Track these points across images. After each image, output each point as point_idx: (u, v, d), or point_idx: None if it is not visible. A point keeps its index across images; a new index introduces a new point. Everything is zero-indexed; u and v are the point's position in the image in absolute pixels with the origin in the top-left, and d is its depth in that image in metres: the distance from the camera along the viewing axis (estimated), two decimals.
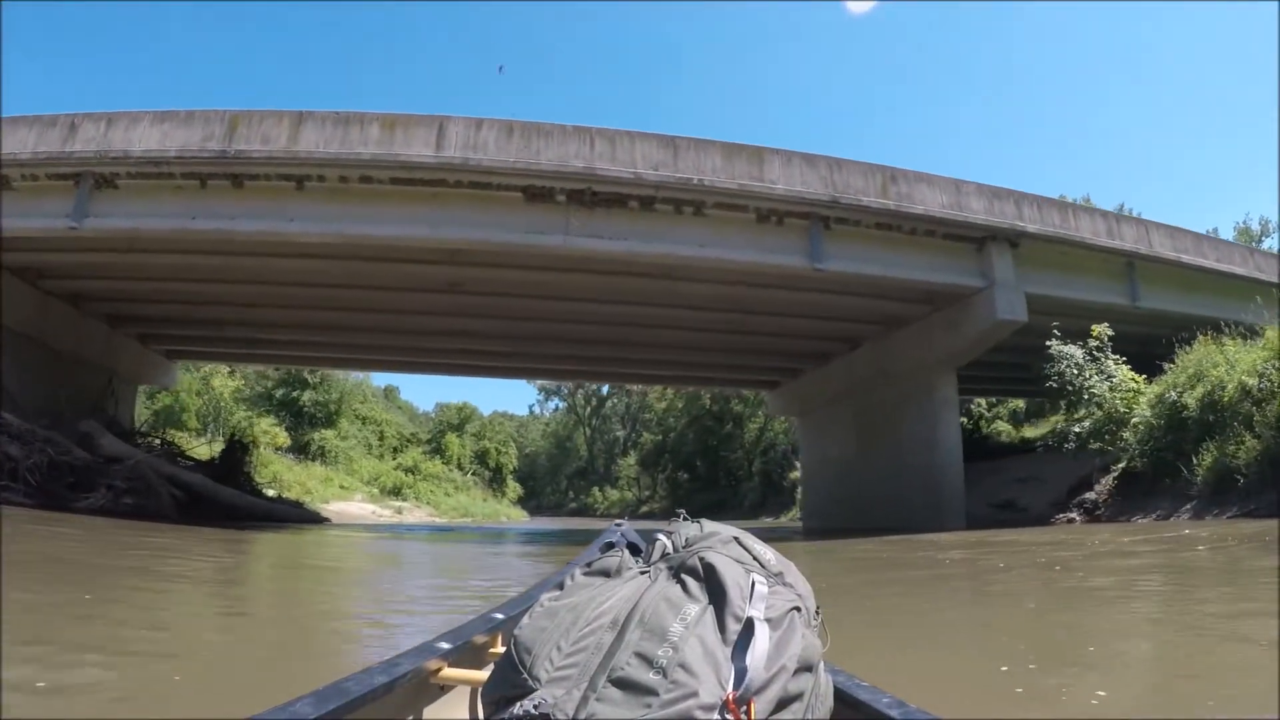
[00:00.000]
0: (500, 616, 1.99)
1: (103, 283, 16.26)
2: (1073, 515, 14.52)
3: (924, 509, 16.23)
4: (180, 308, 17.60)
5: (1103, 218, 17.16)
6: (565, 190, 12.42)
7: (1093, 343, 14.93)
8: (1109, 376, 14.73)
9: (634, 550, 1.79)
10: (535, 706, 0.95)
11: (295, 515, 19.50)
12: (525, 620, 1.11)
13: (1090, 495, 14.70)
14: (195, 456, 19.62)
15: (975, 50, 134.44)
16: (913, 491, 16.85)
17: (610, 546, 2.80)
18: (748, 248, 13.31)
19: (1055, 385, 15.16)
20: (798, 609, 1.10)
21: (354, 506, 28.68)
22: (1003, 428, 27.98)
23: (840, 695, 1.23)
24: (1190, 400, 12.51)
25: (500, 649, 1.89)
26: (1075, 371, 14.99)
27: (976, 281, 15.16)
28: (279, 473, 28.00)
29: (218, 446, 29.09)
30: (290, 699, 1.16)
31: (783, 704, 1.00)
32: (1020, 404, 30.99)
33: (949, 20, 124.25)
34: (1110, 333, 14.91)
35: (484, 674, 1.37)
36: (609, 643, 1.01)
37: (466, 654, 1.74)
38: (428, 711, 1.59)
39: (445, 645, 1.65)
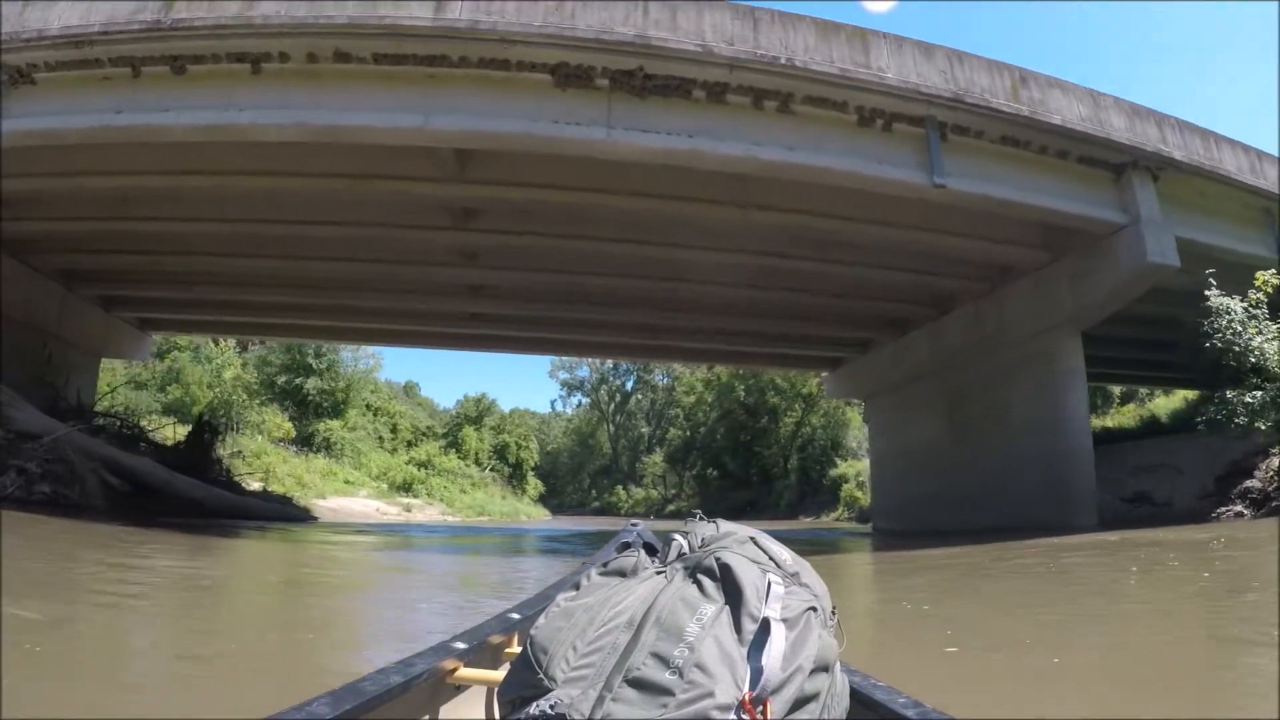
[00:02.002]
0: (516, 616, 1.99)
1: (39, 225, 13.27)
2: (1239, 508, 11.75)
3: (1043, 504, 13.25)
4: (135, 259, 14.58)
5: (1244, 151, 13.92)
6: (609, 71, 9.15)
7: (1255, 295, 11.85)
8: (1274, 337, 11.71)
9: (650, 550, 1.56)
10: (551, 706, 0.95)
11: (273, 512, 16.37)
12: (541, 620, 1.09)
13: (1253, 483, 12.11)
14: (159, 440, 16.66)
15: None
16: (1027, 483, 13.79)
17: (626, 546, 2.56)
18: (848, 155, 10.09)
19: (1219, 346, 11.91)
20: (814, 609, 1.08)
21: (356, 503, 25.58)
22: None
23: (857, 695, 1.22)
24: None
25: (516, 649, 1.89)
26: (1238, 330, 11.88)
27: (1116, 217, 12.16)
28: (272, 464, 25.23)
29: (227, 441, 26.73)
30: (306, 699, 1.14)
31: (799, 704, 0.99)
32: None
33: (965, 20, 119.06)
34: (1277, 281, 11.82)
35: (500, 674, 1.40)
36: (625, 643, 0.99)
37: (482, 654, 1.73)
38: (444, 711, 1.57)
39: (461, 645, 1.64)
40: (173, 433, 17.97)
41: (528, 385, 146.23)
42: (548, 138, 9.11)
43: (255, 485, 20.77)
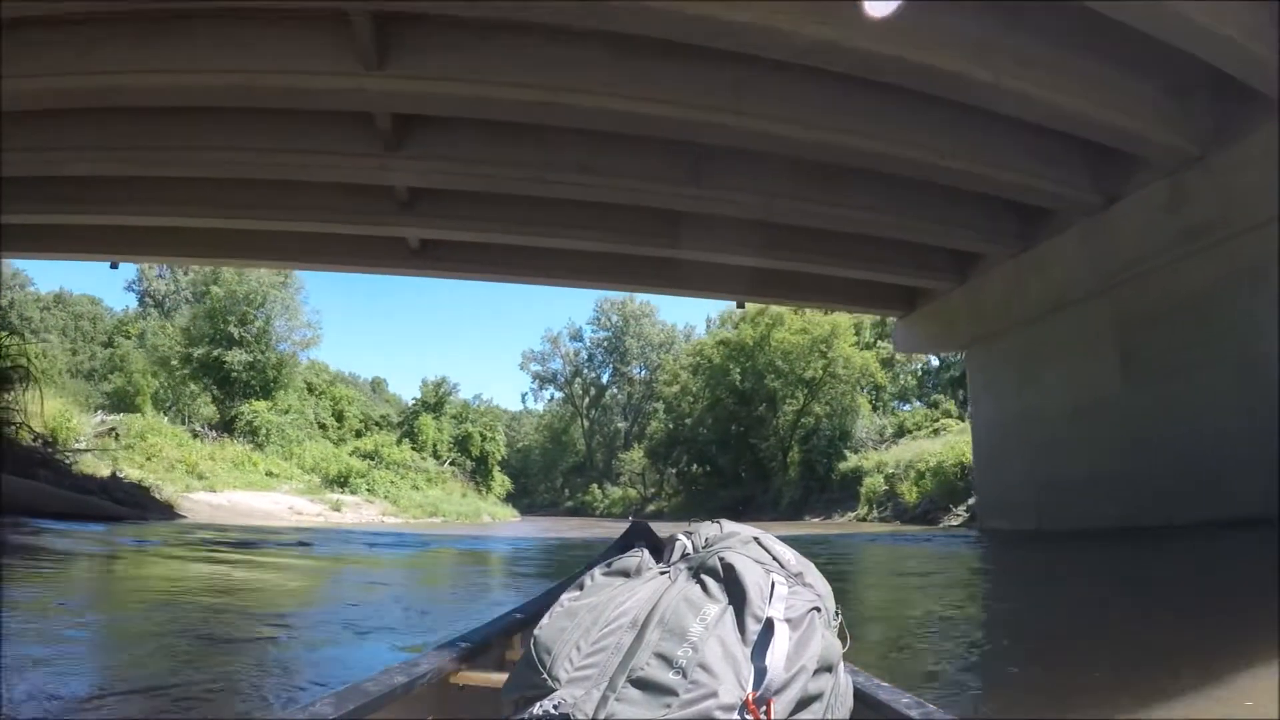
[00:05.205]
0: (520, 617, 1.97)
1: None
2: None
3: None
4: None
5: None
6: None
7: None
8: None
9: (654, 551, 1.40)
10: (555, 707, 0.94)
11: (83, 507, 10.44)
12: (545, 620, 1.09)
13: None
14: None
15: None
16: None
17: (630, 546, 1.94)
18: None
19: None
20: (817, 609, 1.07)
21: (262, 499, 19.56)
22: None
23: (860, 696, 1.21)
24: None
25: (520, 649, 1.84)
26: None
27: None
28: (158, 447, 19.58)
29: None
30: (310, 700, 1.11)
31: (802, 704, 0.99)
32: None
33: None
34: None
35: (503, 675, 1.39)
36: (629, 643, 0.99)
37: (486, 654, 1.71)
38: (447, 712, 1.54)
39: (465, 645, 1.62)
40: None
41: (497, 380, 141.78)
42: None
43: (110, 471, 15.29)
